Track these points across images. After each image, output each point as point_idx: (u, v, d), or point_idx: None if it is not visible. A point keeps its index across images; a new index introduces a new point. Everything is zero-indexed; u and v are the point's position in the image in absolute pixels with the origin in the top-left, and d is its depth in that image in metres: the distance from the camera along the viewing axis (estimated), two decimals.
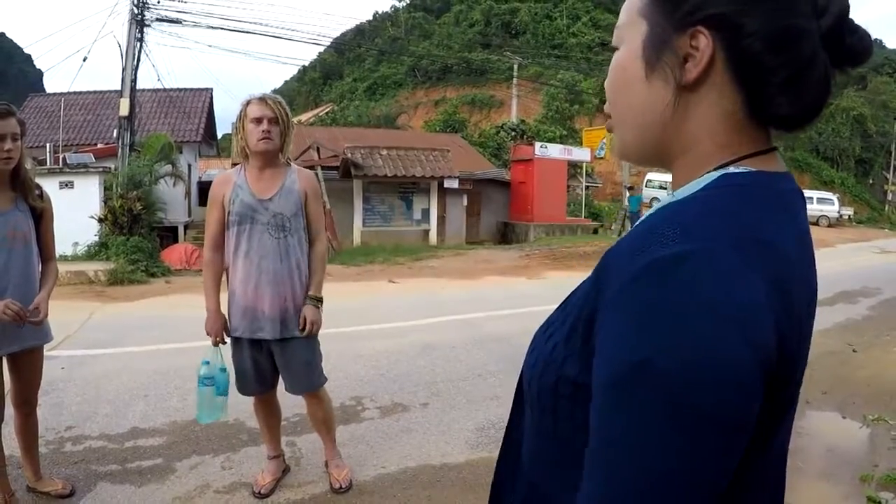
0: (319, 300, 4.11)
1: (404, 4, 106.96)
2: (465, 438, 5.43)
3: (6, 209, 3.87)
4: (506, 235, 27.90)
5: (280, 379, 4.43)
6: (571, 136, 44.03)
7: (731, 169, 0.99)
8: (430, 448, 5.25)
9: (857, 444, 5.71)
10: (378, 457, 5.08)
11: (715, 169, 1.00)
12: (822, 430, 5.92)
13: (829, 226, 40.62)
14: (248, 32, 24.82)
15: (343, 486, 4.50)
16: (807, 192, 16.93)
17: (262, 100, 4.06)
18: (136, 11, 21.35)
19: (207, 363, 4.28)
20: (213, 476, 4.79)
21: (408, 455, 5.11)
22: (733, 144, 1.01)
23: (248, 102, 4.09)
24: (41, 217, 4.09)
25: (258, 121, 4.00)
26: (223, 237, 4.22)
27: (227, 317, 4.26)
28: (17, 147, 3.77)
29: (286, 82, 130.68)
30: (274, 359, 4.28)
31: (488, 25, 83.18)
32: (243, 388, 4.40)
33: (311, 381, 4.33)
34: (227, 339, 4.31)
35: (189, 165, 30.46)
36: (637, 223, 1.02)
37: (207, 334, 4.28)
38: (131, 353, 8.27)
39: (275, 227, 4.05)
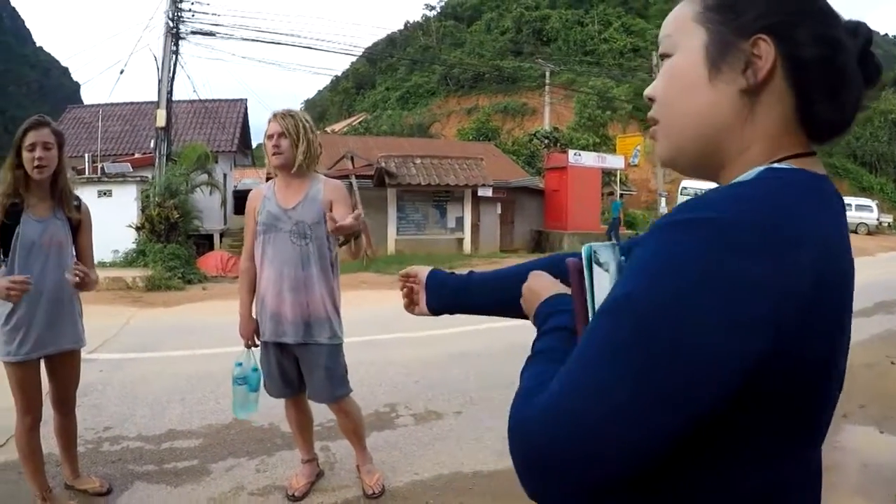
0: (359, 234, 4.08)
1: (435, 13, 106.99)
2: (499, 447, 5.36)
3: (45, 217, 3.99)
4: (539, 244, 27.75)
5: None
6: (605, 144, 43.70)
7: (777, 165, 1.05)
8: (463, 456, 5.24)
9: (893, 460, 5.56)
10: (411, 463, 5.09)
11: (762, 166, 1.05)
12: (857, 445, 5.73)
13: (869, 234, 39.54)
14: (281, 44, 24.94)
15: (375, 492, 4.51)
16: (845, 199, 16.68)
17: (274, 116, 4.20)
18: (171, 24, 21.59)
19: (240, 364, 4.46)
20: (247, 478, 4.83)
21: (441, 462, 5.11)
22: (785, 146, 1.07)
23: (269, 121, 4.23)
24: (78, 227, 4.20)
25: (270, 137, 4.16)
26: None
27: (258, 322, 4.37)
28: (49, 156, 3.88)
29: (319, 92, 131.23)
30: (300, 364, 4.34)
31: (519, 33, 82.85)
32: (271, 391, 4.47)
33: (332, 391, 4.34)
34: (259, 343, 4.41)
35: (224, 175, 30.76)
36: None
37: (241, 337, 4.42)
38: (168, 357, 8.37)
39: (297, 234, 4.13)
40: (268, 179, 5.09)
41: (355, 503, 4.47)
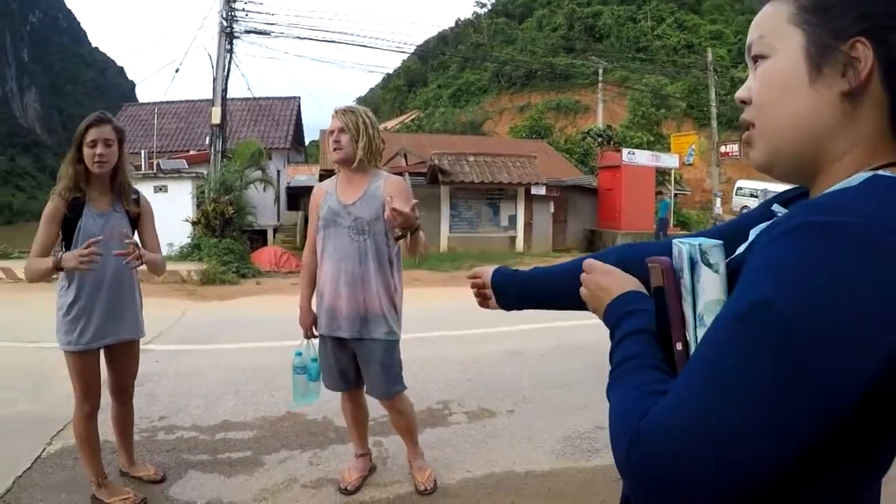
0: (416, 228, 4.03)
1: (486, 10, 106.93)
2: (551, 447, 5.33)
3: (105, 211, 4.06)
4: (592, 243, 27.53)
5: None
6: (658, 142, 43.09)
7: (881, 172, 1.02)
8: (516, 455, 5.18)
9: None
10: (464, 461, 5.05)
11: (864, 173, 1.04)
12: None
13: None
14: (333, 42, 25.06)
15: (427, 488, 4.50)
16: None
17: (335, 112, 4.24)
18: (225, 24, 21.87)
19: (300, 354, 4.50)
20: (300, 471, 4.84)
21: (493, 461, 5.05)
22: (881, 151, 1.06)
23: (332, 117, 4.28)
24: (138, 220, 4.27)
25: (331, 133, 4.20)
26: None
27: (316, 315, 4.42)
28: (109, 152, 3.93)
29: (371, 90, 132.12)
30: (357, 359, 4.35)
31: (571, 29, 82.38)
32: (328, 383, 4.49)
33: (386, 387, 4.32)
34: (317, 335, 4.45)
35: (278, 171, 31.04)
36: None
37: (301, 328, 4.49)
38: (223, 349, 8.49)
39: (355, 230, 4.13)
40: (321, 177, 5.12)
41: (407, 498, 4.44)
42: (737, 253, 1.18)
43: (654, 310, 1.21)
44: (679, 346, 1.12)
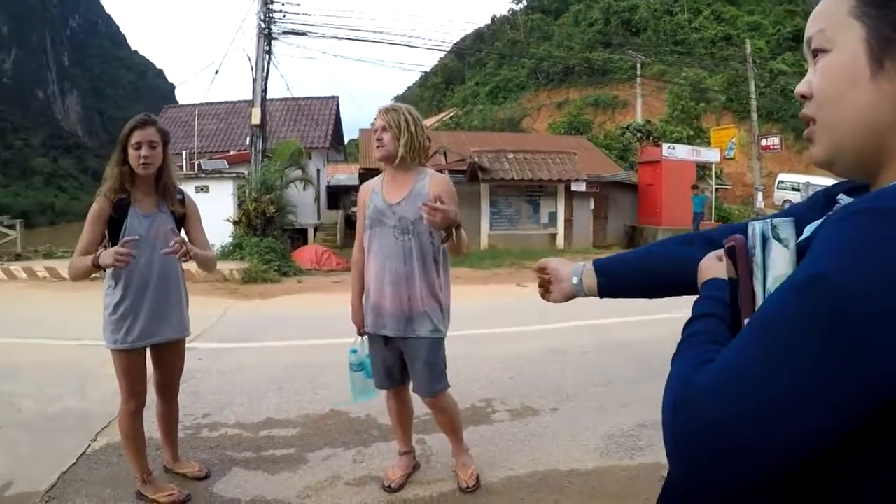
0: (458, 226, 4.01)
1: (522, 7, 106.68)
2: (595, 445, 5.28)
3: (151, 212, 4.09)
4: (633, 239, 27.31)
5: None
6: (698, 136, 42.58)
7: None
8: (559, 453, 5.13)
9: None
10: (507, 459, 5.02)
11: None
12: None
13: None
14: (371, 41, 25.14)
15: (470, 486, 4.48)
16: None
17: (378, 111, 4.27)
18: (263, 26, 22.01)
19: (355, 351, 4.54)
20: (344, 468, 4.84)
21: (536, 459, 5.01)
22: None
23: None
24: (183, 220, 4.30)
25: (375, 131, 4.23)
26: None
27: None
28: (154, 154, 3.96)
29: (409, 88, 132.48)
30: (403, 357, 4.34)
31: (608, 24, 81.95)
32: (375, 381, 4.50)
33: (431, 385, 4.32)
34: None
35: (318, 170, 31.18)
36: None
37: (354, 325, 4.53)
38: (265, 347, 8.54)
39: (400, 229, 4.13)
40: (360, 176, 5.13)
41: (450, 496, 4.43)
42: (801, 238, 1.16)
43: (729, 289, 1.22)
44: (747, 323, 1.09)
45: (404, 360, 4.34)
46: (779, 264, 1.09)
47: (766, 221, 1.11)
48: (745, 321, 1.10)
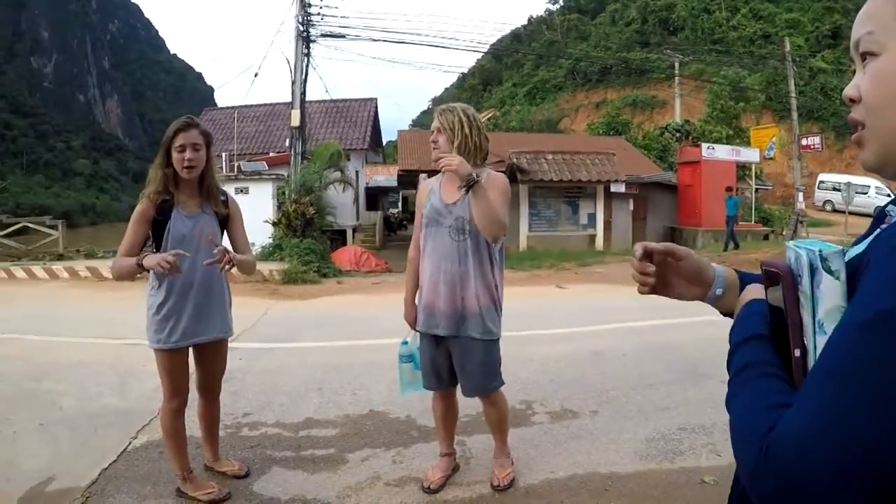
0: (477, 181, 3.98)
1: (559, 7, 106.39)
2: (635, 449, 5.22)
3: (194, 213, 4.12)
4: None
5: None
6: (738, 136, 42.16)
7: None
8: (599, 456, 5.09)
9: None
10: (547, 461, 4.98)
11: None
12: None
13: None
14: (408, 43, 25.16)
15: (501, 485, 4.48)
16: None
17: (435, 112, 4.27)
18: (301, 29, 22.14)
19: (406, 343, 4.57)
20: (383, 469, 4.84)
21: (576, 462, 4.98)
22: None
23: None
24: (227, 221, 4.32)
25: (431, 132, 4.23)
26: None
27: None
28: (198, 157, 3.99)
29: (447, 90, 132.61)
30: (452, 358, 4.33)
31: (645, 23, 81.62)
32: (423, 382, 4.50)
33: (484, 384, 4.33)
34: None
35: (356, 172, 31.34)
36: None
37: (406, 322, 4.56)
38: (305, 348, 8.57)
39: (456, 229, 4.12)
40: (399, 177, 5.12)
41: (489, 498, 4.41)
42: (853, 253, 1.14)
43: (769, 314, 1.20)
44: (797, 353, 1.10)
45: (453, 361, 4.33)
46: (830, 296, 1.07)
47: (812, 249, 1.10)
48: (796, 351, 1.10)
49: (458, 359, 4.27)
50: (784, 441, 0.91)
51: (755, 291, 1.32)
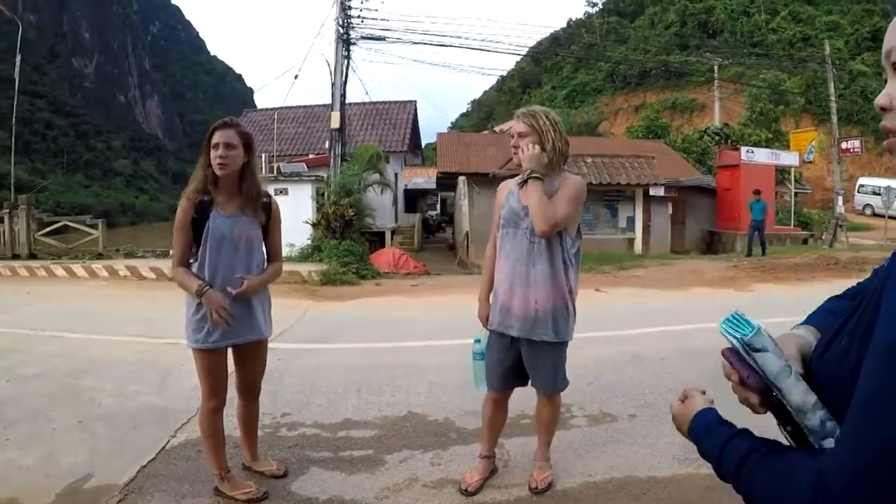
0: (535, 177, 3.99)
1: (597, 10, 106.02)
2: (673, 453, 5.16)
3: (234, 213, 4.13)
4: (711, 244, 26.93)
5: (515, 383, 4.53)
6: (777, 139, 41.84)
7: None
8: (637, 460, 5.06)
9: None
10: (585, 465, 4.96)
11: None
12: None
13: None
14: (447, 46, 25.26)
15: (539, 488, 4.47)
16: None
17: (517, 115, 4.23)
18: (341, 31, 22.28)
19: (479, 341, 4.57)
20: (421, 470, 4.84)
21: (614, 466, 4.95)
22: None
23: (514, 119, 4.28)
24: (268, 222, 4.35)
25: (512, 136, 4.20)
26: None
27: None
28: (231, 155, 4.01)
29: (485, 92, 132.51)
30: (521, 361, 4.34)
31: (684, 26, 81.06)
32: (488, 380, 4.52)
33: (554, 385, 4.39)
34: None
35: (395, 174, 31.46)
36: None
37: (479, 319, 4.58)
38: (344, 349, 8.59)
39: (531, 231, 4.10)
40: (438, 180, 5.09)
41: (527, 500, 4.40)
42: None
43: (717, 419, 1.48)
44: (789, 428, 1.31)
45: (521, 364, 4.35)
46: (769, 365, 1.26)
47: (736, 338, 1.30)
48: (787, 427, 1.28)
49: (528, 360, 4.30)
50: (838, 475, 0.95)
51: (687, 408, 1.50)
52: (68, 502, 4.33)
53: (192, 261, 4.09)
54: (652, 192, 23.80)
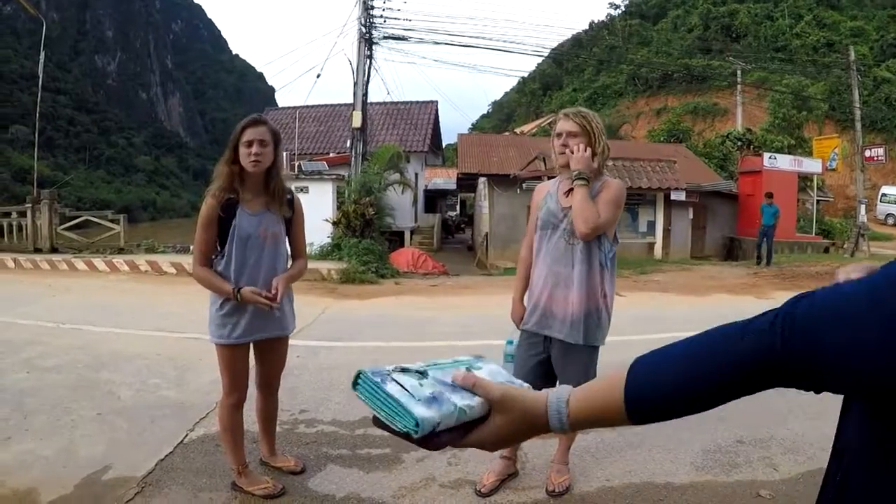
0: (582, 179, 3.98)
1: (620, 12, 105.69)
2: (691, 459, 5.15)
3: (259, 211, 4.14)
4: (731, 251, 26.73)
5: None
6: (800, 146, 41.47)
7: None
8: (655, 466, 5.04)
9: None
10: (603, 469, 4.95)
11: None
12: None
13: None
14: (470, 46, 25.26)
15: (557, 491, 4.45)
16: None
17: (565, 115, 4.20)
18: (363, 31, 22.33)
19: (511, 343, 4.57)
20: (438, 470, 4.83)
21: (632, 471, 4.93)
22: None
23: (558, 118, 4.24)
24: (291, 219, 4.35)
25: (559, 136, 4.15)
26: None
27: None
28: (265, 152, 4.02)
29: (506, 93, 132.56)
30: (550, 362, 4.31)
31: (707, 30, 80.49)
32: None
33: None
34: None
35: (416, 174, 31.48)
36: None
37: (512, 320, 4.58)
38: (363, 347, 8.63)
39: (570, 233, 4.09)
40: (458, 180, 5.09)
41: (544, 503, 4.38)
42: None
43: None
44: None
45: (549, 366, 4.32)
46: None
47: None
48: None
49: (558, 362, 4.26)
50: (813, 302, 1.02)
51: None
52: (86, 493, 4.36)
53: (213, 257, 4.10)
54: (673, 196, 23.61)
